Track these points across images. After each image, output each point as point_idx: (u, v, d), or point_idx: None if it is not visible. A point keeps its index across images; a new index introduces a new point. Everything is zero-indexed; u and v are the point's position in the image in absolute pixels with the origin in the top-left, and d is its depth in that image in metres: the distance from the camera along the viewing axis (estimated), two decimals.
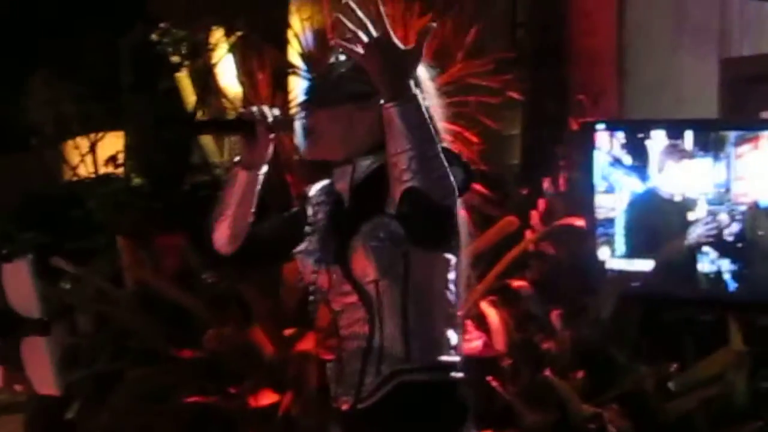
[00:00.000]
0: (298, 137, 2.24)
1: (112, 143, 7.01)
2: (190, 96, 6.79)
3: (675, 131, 4.41)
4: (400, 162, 1.91)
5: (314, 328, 3.70)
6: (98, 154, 6.85)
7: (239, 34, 6.37)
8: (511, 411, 3.98)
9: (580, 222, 4.43)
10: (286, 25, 5.53)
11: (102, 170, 6.80)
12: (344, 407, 2.23)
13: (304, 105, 2.26)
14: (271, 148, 2.28)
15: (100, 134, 6.85)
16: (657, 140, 4.41)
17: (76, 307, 4.95)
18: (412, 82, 1.99)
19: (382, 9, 2.10)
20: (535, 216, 4.51)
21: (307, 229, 2.33)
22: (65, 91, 6.75)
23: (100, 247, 5.37)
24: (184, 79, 7.12)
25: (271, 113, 2.25)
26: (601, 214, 4.53)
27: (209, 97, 5.81)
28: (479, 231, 4.09)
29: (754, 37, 5.80)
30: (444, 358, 2.19)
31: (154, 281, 4.56)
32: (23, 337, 3.38)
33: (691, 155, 4.35)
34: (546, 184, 4.64)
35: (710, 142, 4.35)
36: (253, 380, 4.27)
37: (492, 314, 4.15)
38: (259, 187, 2.31)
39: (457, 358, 2.20)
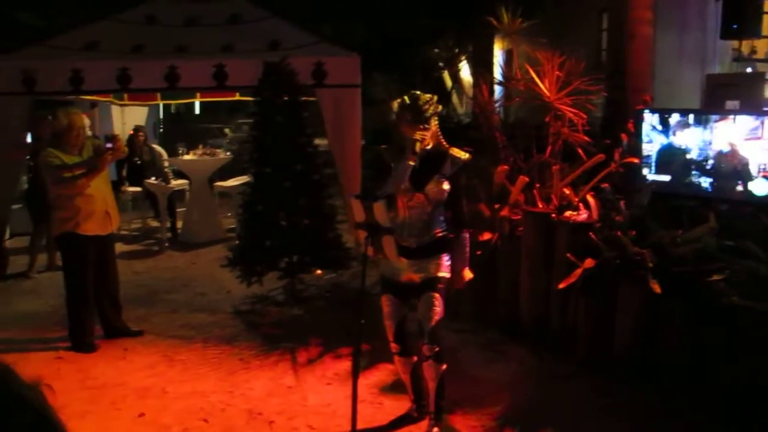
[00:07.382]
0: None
1: None
2: (448, 81, 10.19)
3: (683, 114, 5.79)
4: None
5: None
6: None
7: (470, 50, 9.82)
8: (599, 248, 5.10)
9: (635, 160, 5.90)
10: (491, 49, 8.48)
11: None
12: (408, 244, 4.06)
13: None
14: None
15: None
16: (673, 118, 5.81)
17: None
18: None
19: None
20: (615, 155, 5.90)
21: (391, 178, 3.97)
22: (392, 79, 10.77)
23: None
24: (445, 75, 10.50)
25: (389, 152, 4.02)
26: (644, 153, 5.99)
27: (456, 83, 8.50)
28: (586, 159, 5.68)
29: (719, 62, 7.56)
30: (444, 229, 4.06)
31: None
32: (382, 235, 4.04)
33: (690, 126, 5.72)
34: (624, 138, 5.99)
35: (700, 120, 5.70)
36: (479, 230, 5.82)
37: (591, 201, 5.51)
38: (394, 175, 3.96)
39: (446, 230, 4.05)
